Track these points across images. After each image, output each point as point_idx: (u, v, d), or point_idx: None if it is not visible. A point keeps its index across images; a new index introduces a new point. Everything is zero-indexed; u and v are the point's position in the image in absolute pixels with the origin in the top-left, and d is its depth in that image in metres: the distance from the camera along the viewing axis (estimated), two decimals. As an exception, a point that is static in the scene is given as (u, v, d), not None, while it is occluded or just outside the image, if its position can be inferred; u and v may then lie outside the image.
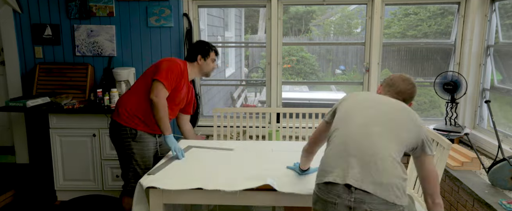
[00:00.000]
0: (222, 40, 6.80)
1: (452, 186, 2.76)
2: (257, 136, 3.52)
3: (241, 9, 8.57)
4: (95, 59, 3.72)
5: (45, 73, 3.66)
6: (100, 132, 3.35)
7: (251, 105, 7.41)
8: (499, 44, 3.32)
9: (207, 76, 2.80)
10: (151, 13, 3.61)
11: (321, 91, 7.78)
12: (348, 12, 10.50)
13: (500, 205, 2.21)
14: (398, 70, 7.94)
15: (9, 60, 3.71)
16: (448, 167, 2.82)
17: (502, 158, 2.42)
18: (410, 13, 8.36)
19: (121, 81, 3.52)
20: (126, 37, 3.68)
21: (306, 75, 9.30)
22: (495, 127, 2.66)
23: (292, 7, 10.43)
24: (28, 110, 3.27)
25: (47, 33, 3.68)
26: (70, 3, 3.62)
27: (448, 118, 3.38)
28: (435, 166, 1.69)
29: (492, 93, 3.41)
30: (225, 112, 3.53)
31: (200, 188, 2.00)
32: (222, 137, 3.43)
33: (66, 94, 3.51)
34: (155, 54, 3.69)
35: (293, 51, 9.28)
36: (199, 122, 3.78)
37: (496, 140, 2.63)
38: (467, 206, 2.54)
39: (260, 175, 2.10)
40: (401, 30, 8.65)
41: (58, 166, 3.41)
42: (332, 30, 10.93)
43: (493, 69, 3.37)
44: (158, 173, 2.21)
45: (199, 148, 2.72)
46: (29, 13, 3.66)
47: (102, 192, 3.48)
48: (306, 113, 3.30)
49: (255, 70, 9.25)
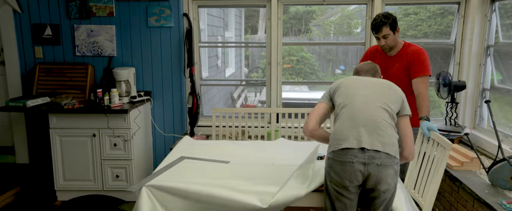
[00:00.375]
0: (222, 40, 6.80)
1: (452, 186, 2.76)
2: (256, 136, 3.52)
3: (241, 9, 8.56)
4: (95, 59, 3.72)
5: (45, 73, 3.66)
6: (100, 132, 3.35)
7: (251, 105, 7.41)
8: (499, 44, 3.31)
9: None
10: (151, 13, 3.61)
11: (321, 91, 7.76)
12: (348, 12, 10.50)
13: (500, 205, 2.21)
14: (398, 70, 7.91)
15: (9, 60, 3.71)
16: (448, 167, 2.82)
17: (502, 158, 2.42)
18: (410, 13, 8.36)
19: (121, 81, 3.52)
20: (126, 37, 3.68)
21: (306, 75, 9.29)
22: (495, 127, 2.66)
23: (292, 7, 10.43)
24: (28, 110, 3.27)
25: (47, 33, 3.68)
26: (70, 3, 3.62)
27: (448, 118, 3.38)
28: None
29: (492, 93, 3.41)
30: (224, 112, 3.53)
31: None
32: (221, 137, 3.43)
33: (66, 94, 3.51)
34: (155, 54, 3.69)
35: (293, 51, 9.27)
36: (199, 122, 3.78)
37: (496, 140, 2.63)
38: (467, 206, 2.54)
39: (250, 192, 2.06)
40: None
41: (58, 166, 3.40)
42: (332, 30, 10.93)
43: (493, 69, 3.37)
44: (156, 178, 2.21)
45: (192, 160, 2.54)
46: (29, 13, 3.66)
47: (102, 192, 3.48)
48: (306, 113, 3.30)
49: (255, 70, 9.25)
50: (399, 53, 2.72)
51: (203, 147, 2.81)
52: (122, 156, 3.36)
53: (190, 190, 2.06)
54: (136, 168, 3.44)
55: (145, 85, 3.74)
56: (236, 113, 3.52)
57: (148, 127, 3.75)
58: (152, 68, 3.72)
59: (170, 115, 3.78)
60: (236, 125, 3.42)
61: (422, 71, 2.60)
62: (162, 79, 3.73)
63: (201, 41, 3.87)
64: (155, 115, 3.80)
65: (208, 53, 5.65)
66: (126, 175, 3.39)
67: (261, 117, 3.54)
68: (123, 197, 3.48)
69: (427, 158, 2.29)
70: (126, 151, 3.34)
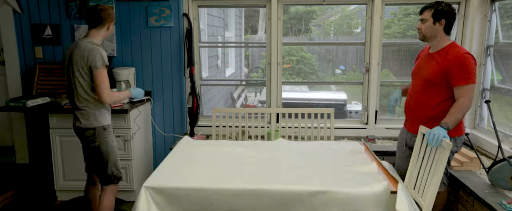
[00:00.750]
0: (222, 40, 6.80)
1: (452, 186, 2.76)
2: (256, 136, 3.52)
3: (241, 9, 8.57)
4: (95, 59, 3.72)
5: (45, 73, 3.66)
6: (100, 132, 3.34)
7: (251, 105, 7.41)
8: (499, 44, 3.31)
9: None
10: (151, 13, 3.61)
11: (321, 91, 7.77)
12: (348, 12, 10.50)
13: (500, 205, 2.21)
14: (398, 70, 7.94)
15: (9, 60, 3.71)
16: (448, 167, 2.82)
17: (502, 158, 2.42)
18: (410, 13, 8.36)
19: (121, 81, 3.52)
20: (126, 37, 3.68)
21: (306, 75, 9.29)
22: (495, 127, 2.66)
23: (292, 7, 10.43)
24: (28, 110, 3.27)
25: (47, 33, 3.68)
26: (70, 3, 3.62)
27: (448, 118, 3.38)
28: None
29: (492, 93, 3.41)
30: (224, 112, 3.53)
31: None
32: (221, 137, 3.43)
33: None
34: (155, 54, 3.69)
35: (293, 51, 9.27)
36: (199, 122, 3.78)
37: (496, 140, 2.63)
38: (467, 206, 2.54)
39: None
40: (401, 30, 8.65)
41: (58, 166, 3.40)
42: (332, 30, 10.93)
43: (493, 69, 3.37)
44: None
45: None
46: (29, 13, 3.66)
47: (102, 192, 3.48)
48: (306, 113, 3.30)
49: (255, 70, 9.25)
50: (440, 52, 2.40)
51: (203, 147, 2.81)
52: (122, 156, 3.35)
53: (196, 188, 2.05)
54: (136, 168, 3.44)
55: (145, 85, 3.74)
56: (236, 113, 3.52)
57: (148, 127, 3.75)
58: (152, 68, 3.72)
59: (170, 115, 3.78)
60: (236, 125, 3.42)
61: (462, 81, 2.27)
62: (162, 79, 3.73)
63: (201, 41, 3.87)
64: (155, 115, 3.80)
65: (208, 53, 5.65)
66: (126, 175, 3.38)
67: (261, 117, 3.54)
68: (123, 197, 3.48)
69: (427, 158, 2.29)
70: (126, 151, 3.34)
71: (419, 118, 2.46)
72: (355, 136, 3.69)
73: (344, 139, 3.62)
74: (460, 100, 2.28)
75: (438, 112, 2.38)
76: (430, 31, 2.39)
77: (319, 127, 3.31)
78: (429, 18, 2.37)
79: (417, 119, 2.48)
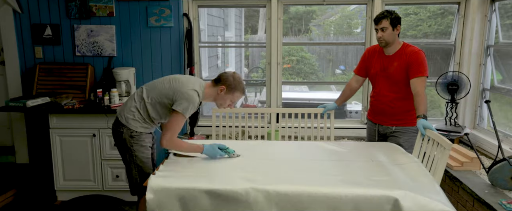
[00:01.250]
0: (222, 40, 6.80)
1: (452, 186, 2.76)
2: (256, 136, 3.52)
3: (241, 9, 8.56)
4: (95, 59, 3.72)
5: (45, 73, 3.66)
6: (100, 132, 3.34)
7: (251, 105, 7.40)
8: (499, 44, 3.31)
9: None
10: (151, 13, 3.61)
11: (321, 91, 7.77)
12: (348, 12, 10.50)
13: (500, 205, 2.21)
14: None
15: (9, 60, 3.71)
16: (448, 167, 2.81)
17: (502, 158, 2.42)
18: (410, 13, 8.35)
19: (121, 81, 3.52)
20: (126, 37, 3.68)
21: (306, 75, 9.29)
22: (495, 127, 2.66)
23: (292, 7, 10.43)
24: (28, 110, 3.27)
25: (47, 33, 3.68)
26: (70, 3, 3.62)
27: (448, 118, 3.38)
28: None
29: (492, 93, 3.41)
30: (224, 112, 3.53)
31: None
32: (221, 137, 3.42)
33: (66, 94, 3.51)
34: (155, 54, 3.69)
35: (293, 51, 9.27)
36: (199, 122, 3.78)
37: (496, 140, 2.63)
38: (467, 206, 2.54)
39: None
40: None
41: (58, 166, 3.40)
42: (332, 30, 10.92)
43: (493, 69, 3.37)
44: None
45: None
46: (29, 13, 3.66)
47: (102, 192, 3.48)
48: (306, 113, 3.30)
49: (255, 70, 9.25)
50: (398, 53, 2.73)
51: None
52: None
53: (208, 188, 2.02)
54: (136, 168, 3.43)
55: (145, 85, 3.74)
56: (236, 113, 3.52)
57: (148, 127, 3.74)
58: (152, 68, 3.72)
59: (170, 115, 3.78)
60: (236, 125, 3.42)
61: (420, 72, 2.62)
62: (162, 79, 3.73)
63: (201, 41, 3.87)
64: (155, 115, 3.79)
65: (208, 53, 5.65)
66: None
67: (261, 117, 3.54)
68: (123, 197, 3.47)
69: (427, 158, 2.29)
70: (126, 151, 3.34)
71: (396, 113, 2.77)
72: (355, 136, 3.69)
73: (344, 139, 3.62)
74: (421, 91, 2.57)
75: (411, 105, 2.65)
76: (391, 37, 2.70)
77: (319, 127, 3.31)
78: (388, 26, 2.67)
79: (392, 114, 2.78)
